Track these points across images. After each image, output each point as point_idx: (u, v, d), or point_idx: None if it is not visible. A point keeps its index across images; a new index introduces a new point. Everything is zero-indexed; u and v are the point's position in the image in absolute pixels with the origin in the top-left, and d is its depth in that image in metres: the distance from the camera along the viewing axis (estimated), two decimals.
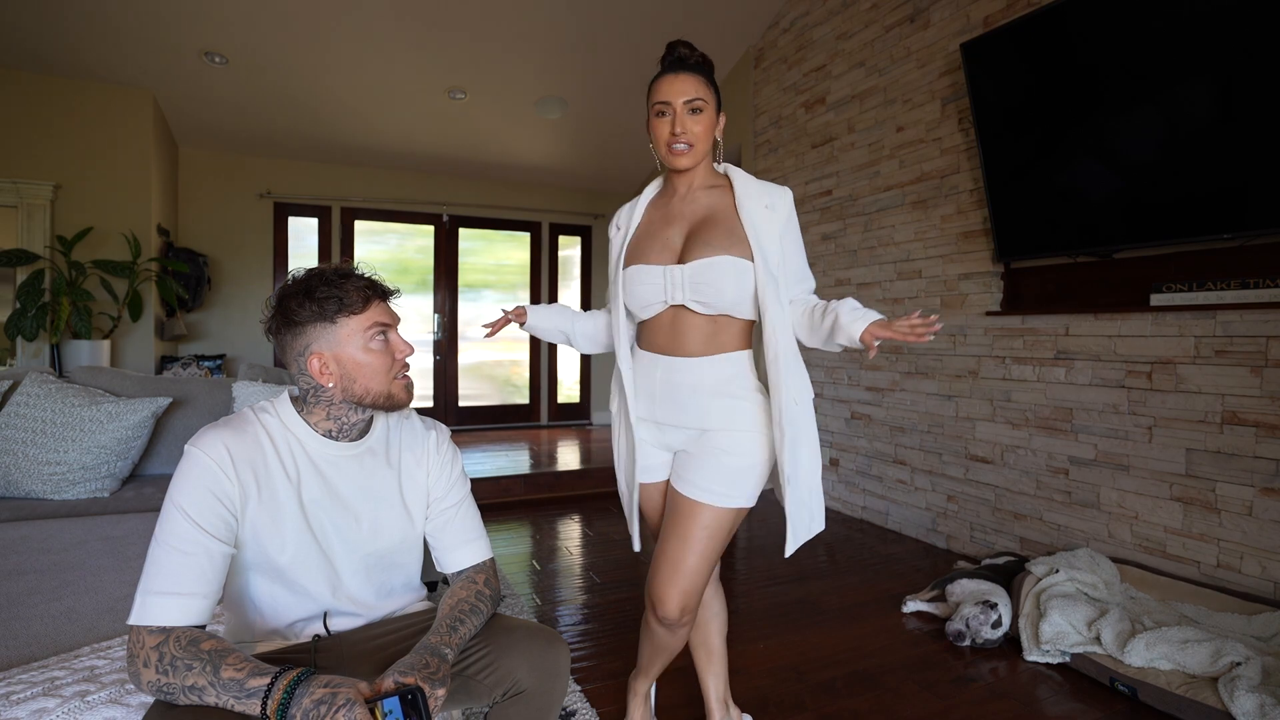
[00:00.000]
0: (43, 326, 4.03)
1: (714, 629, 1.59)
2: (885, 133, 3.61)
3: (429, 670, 0.92)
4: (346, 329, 1.05)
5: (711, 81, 1.35)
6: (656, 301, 1.35)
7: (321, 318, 1.04)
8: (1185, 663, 1.86)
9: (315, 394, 1.08)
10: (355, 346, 1.06)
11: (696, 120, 1.32)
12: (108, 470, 2.31)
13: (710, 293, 1.30)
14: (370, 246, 6.19)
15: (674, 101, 1.31)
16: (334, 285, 1.05)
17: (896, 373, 3.57)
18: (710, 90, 1.34)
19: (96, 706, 1.07)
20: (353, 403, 1.09)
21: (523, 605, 2.52)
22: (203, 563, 0.94)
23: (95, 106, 4.44)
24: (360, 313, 1.06)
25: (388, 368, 1.08)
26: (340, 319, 1.05)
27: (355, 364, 1.06)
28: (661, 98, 1.32)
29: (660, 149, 1.35)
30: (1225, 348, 2.29)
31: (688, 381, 1.34)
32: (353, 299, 1.05)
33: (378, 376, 1.07)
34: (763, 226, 1.31)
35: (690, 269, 1.30)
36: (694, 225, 1.36)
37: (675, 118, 1.31)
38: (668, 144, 1.33)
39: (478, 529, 1.24)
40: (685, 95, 1.31)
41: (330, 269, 1.08)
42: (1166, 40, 2.25)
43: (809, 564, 3.03)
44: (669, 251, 1.36)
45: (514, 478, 4.20)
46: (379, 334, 1.07)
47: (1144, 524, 2.51)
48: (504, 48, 4.49)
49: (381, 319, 1.08)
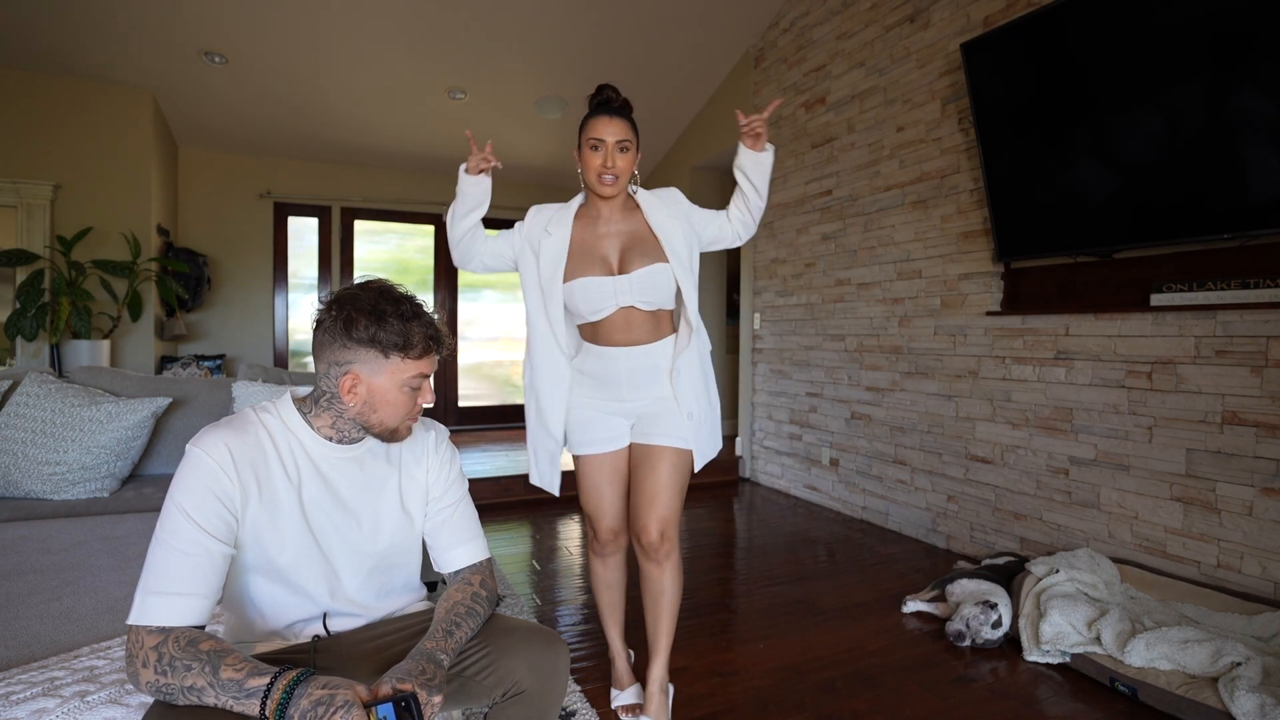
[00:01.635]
0: (42, 326, 4.03)
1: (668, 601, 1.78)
2: (885, 133, 3.61)
3: (425, 677, 0.92)
4: (393, 367, 1.06)
5: (634, 125, 1.63)
6: (608, 305, 1.64)
7: (376, 345, 1.04)
8: (1185, 663, 1.86)
9: (330, 401, 1.08)
10: (392, 385, 1.07)
11: (624, 157, 1.61)
12: (107, 470, 2.31)
13: (652, 293, 1.64)
14: (370, 246, 6.19)
15: (608, 139, 1.59)
16: (404, 321, 1.05)
17: (896, 373, 3.57)
18: (634, 132, 1.63)
19: (96, 706, 1.07)
20: (360, 424, 1.10)
21: (523, 605, 2.52)
22: (203, 563, 0.94)
23: (95, 106, 4.44)
24: (414, 360, 1.07)
25: (409, 410, 1.11)
26: (393, 356, 1.05)
27: (384, 399, 1.07)
28: (597, 134, 1.59)
29: (590, 176, 1.62)
30: (1225, 348, 2.29)
31: (647, 364, 1.68)
32: (414, 346, 1.06)
33: (396, 415, 1.10)
34: (672, 232, 1.65)
35: (635, 277, 1.62)
36: (625, 243, 1.66)
37: (607, 153, 1.59)
38: (598, 174, 1.60)
39: (475, 529, 1.24)
40: (618, 136, 1.60)
41: (405, 298, 1.08)
42: (1166, 40, 2.25)
43: (809, 564, 3.03)
44: (607, 266, 1.65)
45: (514, 478, 4.20)
46: (413, 387, 1.09)
47: (1144, 524, 2.51)
48: (504, 48, 4.49)
49: (427, 370, 1.10)
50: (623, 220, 1.69)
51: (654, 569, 1.70)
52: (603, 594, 1.88)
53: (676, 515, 1.69)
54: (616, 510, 1.76)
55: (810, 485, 4.21)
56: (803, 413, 4.27)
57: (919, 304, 3.43)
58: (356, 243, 6.09)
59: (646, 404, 1.70)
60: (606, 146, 1.59)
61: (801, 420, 4.28)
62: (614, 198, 1.66)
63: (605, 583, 1.86)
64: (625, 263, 1.64)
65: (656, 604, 1.72)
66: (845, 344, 3.92)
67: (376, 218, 6.15)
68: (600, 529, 1.78)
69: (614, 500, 1.75)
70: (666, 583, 1.70)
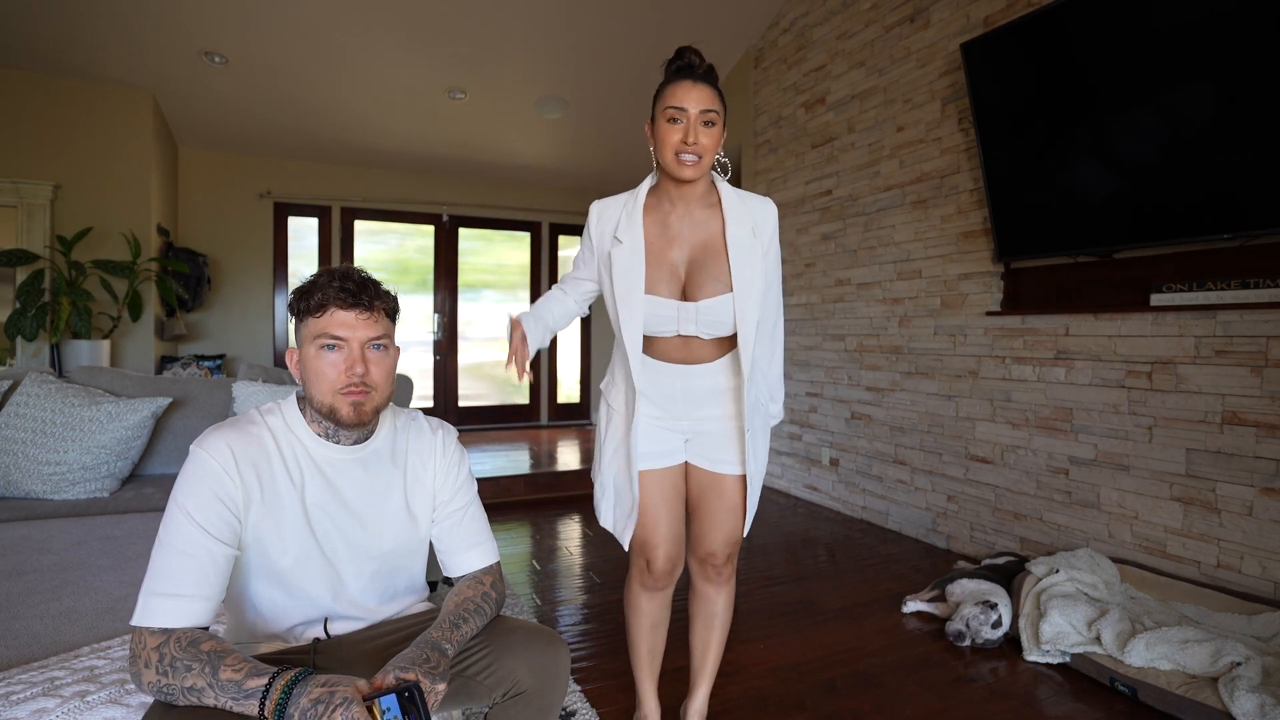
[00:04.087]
0: (43, 326, 4.03)
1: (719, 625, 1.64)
2: (885, 133, 3.61)
3: (429, 665, 0.92)
4: (306, 330, 1.05)
5: (722, 95, 1.36)
6: (667, 329, 1.43)
7: (297, 314, 1.05)
8: (1185, 663, 1.86)
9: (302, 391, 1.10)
10: (310, 350, 1.04)
11: (708, 132, 1.32)
12: (107, 470, 2.31)
13: (714, 326, 1.41)
14: (370, 246, 6.19)
15: (690, 110, 1.31)
16: (309, 285, 1.05)
17: (897, 373, 3.57)
18: (722, 104, 1.35)
19: (96, 706, 1.07)
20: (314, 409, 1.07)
21: (523, 605, 2.52)
22: (205, 565, 0.94)
23: (95, 106, 4.43)
24: (317, 317, 1.03)
25: (331, 380, 1.03)
26: (306, 319, 1.04)
27: (309, 369, 1.04)
28: (678, 103, 1.31)
29: (666, 155, 1.34)
30: (1225, 348, 2.29)
31: (705, 384, 1.47)
32: (313, 302, 1.03)
33: (321, 385, 1.03)
34: (746, 259, 1.39)
35: (699, 309, 1.39)
36: (693, 254, 1.41)
37: (689, 126, 1.31)
38: (677, 151, 1.32)
39: (485, 532, 1.23)
40: (702, 105, 1.31)
41: (338, 269, 1.07)
42: (1167, 40, 2.25)
43: (809, 564, 3.03)
44: (675, 281, 1.41)
45: (514, 478, 4.20)
46: (327, 344, 1.03)
47: (1144, 524, 2.51)
48: (504, 48, 4.48)
49: (334, 330, 1.02)
50: (699, 217, 1.43)
51: (712, 590, 1.58)
52: (645, 636, 1.59)
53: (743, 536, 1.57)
54: (674, 536, 1.52)
55: (810, 485, 4.21)
56: (803, 413, 4.27)
57: (919, 304, 3.43)
58: (357, 243, 6.09)
59: (703, 423, 1.50)
60: (689, 118, 1.31)
61: (801, 420, 4.29)
62: (694, 181, 1.38)
63: (652, 621, 1.58)
64: (692, 280, 1.41)
65: (709, 627, 1.60)
66: (845, 344, 3.92)
67: (377, 218, 6.15)
68: (656, 558, 1.50)
69: (672, 524, 1.51)
70: (722, 604, 1.59)
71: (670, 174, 1.37)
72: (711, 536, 1.54)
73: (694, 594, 1.62)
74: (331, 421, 1.06)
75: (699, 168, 1.34)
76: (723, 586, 1.59)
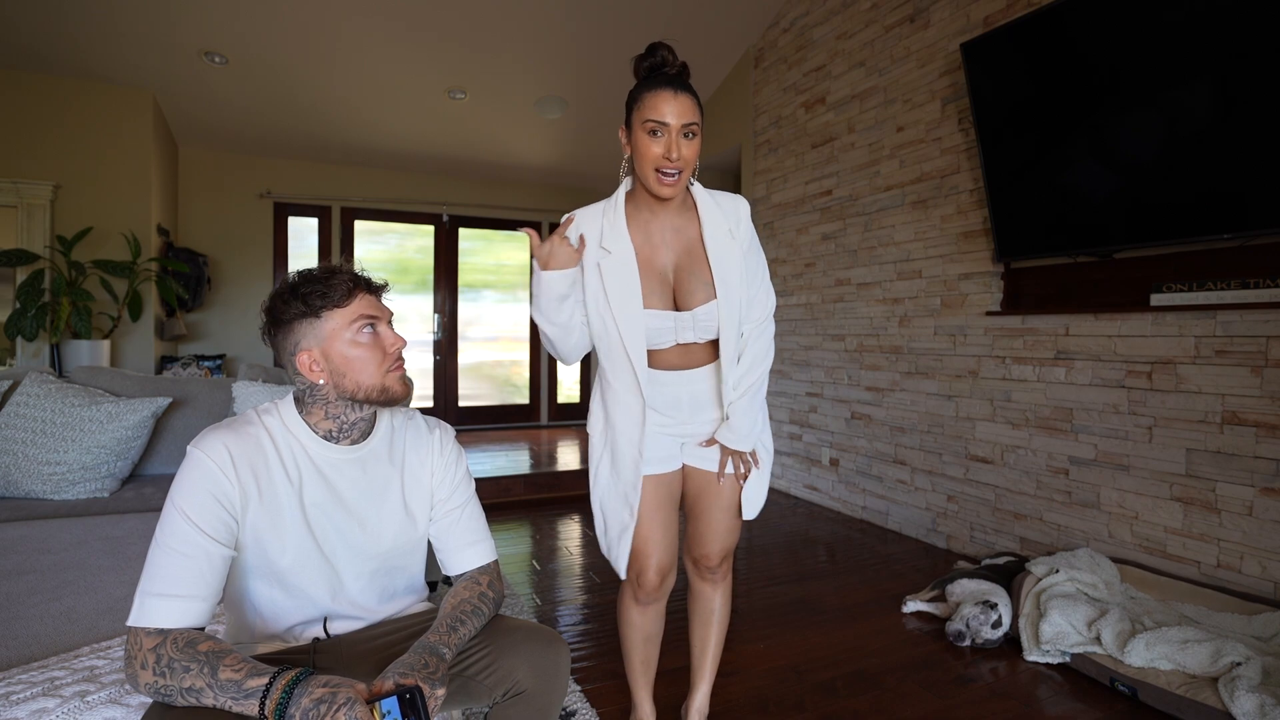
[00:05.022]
0: (43, 326, 4.03)
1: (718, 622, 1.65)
2: (885, 133, 3.61)
3: (428, 670, 0.92)
4: (332, 323, 1.04)
5: (699, 101, 1.30)
6: (666, 340, 1.42)
7: (307, 314, 1.04)
8: (1185, 663, 1.86)
9: (311, 393, 1.07)
10: (343, 341, 1.05)
11: (690, 145, 1.27)
12: (107, 470, 2.31)
13: (711, 331, 1.41)
14: (370, 246, 6.19)
15: (672, 123, 1.24)
16: (319, 281, 1.05)
17: (897, 373, 3.57)
18: (701, 113, 1.30)
19: (96, 707, 1.07)
20: (348, 399, 1.07)
21: (523, 605, 2.52)
22: (202, 565, 0.94)
23: (95, 106, 4.43)
24: (344, 306, 1.05)
25: (378, 361, 1.06)
26: (326, 313, 1.04)
27: (344, 359, 1.05)
28: (658, 116, 1.24)
29: (645, 169, 1.28)
30: (1225, 348, 2.29)
31: (707, 386, 1.48)
32: (337, 293, 1.04)
33: (368, 370, 1.05)
34: (726, 259, 1.38)
35: (695, 316, 1.39)
36: (678, 260, 1.40)
37: (671, 140, 1.24)
38: (657, 168, 1.27)
39: (483, 531, 1.23)
40: (684, 118, 1.24)
41: (318, 267, 1.08)
42: (1167, 40, 2.25)
43: (809, 564, 3.03)
44: (666, 290, 1.40)
45: (514, 478, 4.20)
46: (365, 326, 1.06)
47: (1144, 524, 2.51)
48: (504, 48, 4.48)
49: (368, 311, 1.06)
50: (678, 223, 1.40)
51: (709, 588, 1.60)
52: (638, 648, 1.58)
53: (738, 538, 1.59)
54: (667, 544, 1.48)
55: (810, 485, 4.21)
56: (803, 413, 4.27)
57: (919, 304, 3.43)
58: (357, 243, 6.10)
59: (705, 425, 1.50)
60: (670, 131, 1.23)
61: (801, 420, 4.29)
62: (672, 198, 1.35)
63: (644, 635, 1.56)
64: (681, 287, 1.39)
65: (707, 624, 1.61)
66: (845, 344, 3.92)
67: (376, 218, 6.15)
68: (647, 568, 1.46)
69: (665, 531, 1.47)
70: (719, 601, 1.61)
71: (648, 188, 1.33)
72: (707, 538, 1.55)
73: (691, 593, 1.64)
74: (384, 403, 1.08)
75: (678, 184, 1.29)
76: (719, 585, 1.60)
